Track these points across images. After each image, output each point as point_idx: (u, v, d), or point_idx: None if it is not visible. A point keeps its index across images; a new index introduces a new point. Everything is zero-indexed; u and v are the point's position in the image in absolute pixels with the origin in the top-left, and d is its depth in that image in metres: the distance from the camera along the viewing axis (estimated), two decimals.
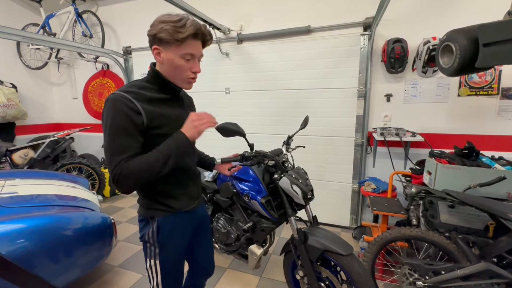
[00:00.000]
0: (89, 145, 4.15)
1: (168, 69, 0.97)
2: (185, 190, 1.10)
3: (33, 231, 1.48)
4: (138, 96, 0.92)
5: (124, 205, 3.57)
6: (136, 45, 3.53)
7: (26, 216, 1.56)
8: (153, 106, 0.95)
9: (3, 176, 2.07)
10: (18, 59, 3.81)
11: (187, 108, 1.14)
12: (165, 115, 0.98)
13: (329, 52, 2.67)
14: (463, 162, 1.80)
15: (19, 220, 1.49)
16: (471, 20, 2.26)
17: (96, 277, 2.09)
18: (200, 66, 1.03)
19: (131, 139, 0.89)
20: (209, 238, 1.35)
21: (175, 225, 1.08)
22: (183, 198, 1.09)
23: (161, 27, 0.89)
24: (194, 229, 1.20)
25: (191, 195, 1.13)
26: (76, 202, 1.97)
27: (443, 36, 1.46)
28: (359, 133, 2.69)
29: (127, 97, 0.89)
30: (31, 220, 1.52)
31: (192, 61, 0.97)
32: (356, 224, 2.82)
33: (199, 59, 1.01)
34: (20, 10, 3.77)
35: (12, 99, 3.41)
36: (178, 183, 1.08)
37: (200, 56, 1.00)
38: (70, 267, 1.65)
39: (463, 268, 1.39)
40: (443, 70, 1.50)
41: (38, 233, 1.49)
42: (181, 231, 1.11)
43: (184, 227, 1.12)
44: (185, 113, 1.04)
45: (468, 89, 2.33)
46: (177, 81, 1.01)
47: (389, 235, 1.65)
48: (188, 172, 1.12)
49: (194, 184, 1.15)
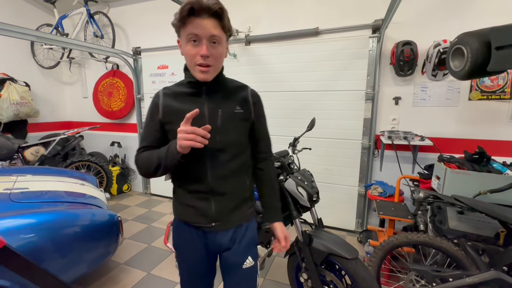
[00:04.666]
0: (98, 144, 4.22)
1: (186, 59, 0.89)
2: (194, 203, 0.96)
3: (42, 226, 1.51)
4: (169, 91, 0.96)
5: (130, 203, 3.61)
6: (145, 45, 3.59)
7: (36, 211, 1.59)
8: (174, 101, 0.93)
9: (16, 172, 2.13)
10: (32, 59, 3.91)
11: (221, 104, 0.93)
12: (180, 111, 0.86)
13: (337, 54, 2.66)
14: (473, 167, 1.76)
15: (29, 215, 1.53)
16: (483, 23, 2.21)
17: (102, 273, 2.12)
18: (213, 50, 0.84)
19: (149, 131, 0.96)
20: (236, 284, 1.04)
21: (184, 234, 1.01)
22: (191, 210, 0.97)
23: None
24: (213, 254, 1.04)
25: (202, 212, 0.96)
26: (84, 199, 2.01)
27: (454, 39, 1.43)
28: (366, 136, 2.66)
29: (159, 92, 0.97)
30: (40, 216, 1.56)
31: (199, 44, 0.83)
32: (361, 228, 2.78)
33: (212, 41, 0.83)
34: (34, 11, 3.88)
35: (25, 97, 3.50)
36: (189, 192, 0.97)
37: (210, 36, 0.82)
38: (77, 262, 1.68)
39: (472, 276, 1.36)
40: (454, 74, 1.47)
41: (47, 229, 1.52)
42: (192, 245, 1.01)
43: (196, 243, 1.00)
44: (211, 110, 0.92)
45: (480, 93, 2.28)
46: (192, 71, 0.89)
47: (396, 240, 1.63)
48: (201, 183, 0.94)
49: (205, 201, 0.95)
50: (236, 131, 0.96)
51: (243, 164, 0.99)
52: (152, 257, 2.36)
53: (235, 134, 0.95)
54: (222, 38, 0.86)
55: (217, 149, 0.92)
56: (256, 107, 1.01)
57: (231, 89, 0.98)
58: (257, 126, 1.02)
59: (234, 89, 0.99)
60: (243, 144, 0.99)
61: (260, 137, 1.05)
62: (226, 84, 0.98)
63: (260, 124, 1.03)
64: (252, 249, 1.05)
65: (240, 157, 0.97)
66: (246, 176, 1.03)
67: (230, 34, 0.92)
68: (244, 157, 1.00)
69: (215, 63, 0.87)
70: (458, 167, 1.79)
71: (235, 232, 1.00)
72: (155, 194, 3.93)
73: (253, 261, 1.03)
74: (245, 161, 1.01)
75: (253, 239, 1.05)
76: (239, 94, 0.98)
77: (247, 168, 1.04)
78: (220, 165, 0.94)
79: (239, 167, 0.98)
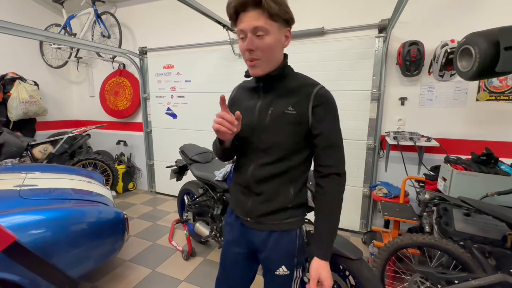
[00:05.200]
0: (104, 142, 4.28)
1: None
2: (238, 194, 1.00)
3: (51, 222, 1.54)
4: (241, 85, 1.04)
5: (136, 201, 3.66)
6: (151, 45, 3.62)
7: (45, 208, 1.62)
8: (240, 95, 1.02)
9: (25, 169, 2.17)
10: (41, 58, 3.98)
11: (274, 102, 0.89)
12: (238, 105, 0.97)
13: (342, 54, 2.65)
14: (480, 169, 1.74)
15: (38, 211, 1.56)
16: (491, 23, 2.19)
17: (108, 270, 2.15)
18: (258, 41, 0.79)
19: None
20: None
21: (231, 218, 1.07)
22: (234, 199, 1.03)
23: None
24: (250, 249, 1.03)
25: (240, 205, 0.98)
26: (91, 197, 2.04)
27: (462, 39, 1.42)
28: (371, 136, 2.65)
29: (236, 86, 1.07)
30: (49, 212, 1.58)
31: (246, 38, 0.81)
32: (366, 229, 2.77)
33: (256, 33, 0.79)
34: (43, 11, 3.94)
35: (34, 96, 3.56)
36: (235, 182, 1.02)
37: (253, 29, 0.78)
38: (84, 259, 1.70)
39: (478, 279, 1.34)
40: (461, 74, 1.46)
41: (55, 225, 1.55)
42: (232, 233, 1.05)
43: (235, 232, 1.04)
44: (262, 107, 0.90)
45: (488, 94, 2.25)
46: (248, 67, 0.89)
47: (401, 241, 1.62)
48: (243, 178, 0.96)
49: (245, 196, 0.97)
50: (284, 133, 0.87)
51: (288, 170, 0.90)
52: (157, 254, 2.39)
53: (282, 136, 0.87)
54: (270, 27, 0.79)
55: (261, 149, 0.90)
56: (318, 110, 0.85)
57: (291, 87, 0.89)
58: (317, 131, 0.86)
59: (296, 87, 0.89)
60: (291, 148, 0.89)
61: (321, 146, 0.88)
62: (287, 81, 0.90)
63: (321, 130, 0.86)
64: (288, 259, 0.96)
65: (285, 162, 0.89)
66: (290, 185, 0.92)
67: (286, 19, 0.82)
68: (290, 163, 0.90)
69: (263, 55, 0.82)
70: (465, 169, 1.77)
71: (268, 236, 0.95)
72: (160, 193, 3.97)
73: (288, 271, 0.97)
74: (291, 167, 0.90)
75: (289, 251, 0.96)
76: (298, 93, 0.88)
77: (295, 177, 0.93)
78: (261, 165, 0.91)
79: (282, 172, 0.90)
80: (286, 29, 0.85)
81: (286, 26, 0.84)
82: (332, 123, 0.88)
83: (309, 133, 0.88)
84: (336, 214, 0.90)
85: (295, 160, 0.90)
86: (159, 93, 3.70)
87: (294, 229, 0.96)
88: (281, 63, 0.89)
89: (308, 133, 0.88)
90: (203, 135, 3.42)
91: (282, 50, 0.89)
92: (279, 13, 0.78)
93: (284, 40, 0.86)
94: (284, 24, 0.83)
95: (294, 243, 0.96)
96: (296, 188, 0.93)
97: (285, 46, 0.87)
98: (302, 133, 0.87)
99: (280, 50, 0.86)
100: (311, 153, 0.93)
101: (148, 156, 3.95)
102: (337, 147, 0.89)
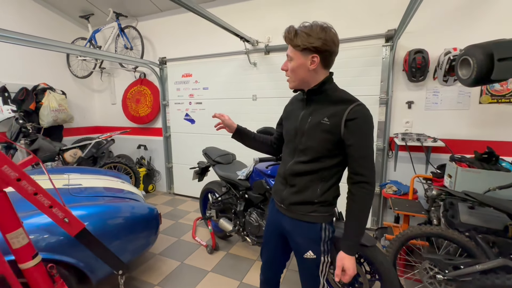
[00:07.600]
0: (124, 147, 4.53)
1: None
2: (278, 183, 1.23)
3: (96, 216, 1.74)
4: (296, 96, 1.25)
5: (156, 201, 3.88)
6: (170, 56, 3.88)
7: (92, 203, 1.84)
8: (292, 105, 1.23)
9: (66, 171, 2.41)
10: (67, 69, 4.28)
11: (314, 112, 1.07)
12: (288, 113, 1.21)
13: (351, 61, 2.84)
14: (483, 166, 1.89)
15: (86, 207, 1.77)
16: (491, 31, 2.38)
17: (141, 262, 2.36)
18: (289, 64, 1.07)
19: (277, 125, 1.35)
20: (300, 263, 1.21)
21: (271, 205, 1.32)
22: (275, 187, 1.26)
23: None
24: (279, 230, 1.24)
25: (278, 192, 1.21)
26: (124, 194, 2.24)
27: (462, 51, 1.60)
28: (380, 138, 2.82)
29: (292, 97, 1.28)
30: (95, 207, 1.80)
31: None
32: (377, 225, 2.92)
33: (288, 59, 1.07)
34: (70, 26, 4.25)
35: (62, 105, 3.84)
36: (278, 173, 1.24)
37: (287, 56, 1.07)
38: (122, 251, 1.88)
39: (481, 264, 1.49)
40: (462, 81, 1.64)
41: (99, 219, 1.75)
42: (271, 214, 1.31)
43: (273, 214, 1.28)
44: (304, 115, 1.10)
45: (490, 97, 2.41)
46: None
47: (411, 232, 1.78)
48: (283, 170, 1.17)
49: (282, 185, 1.18)
50: (317, 139, 1.04)
51: (318, 170, 1.07)
52: (183, 249, 2.59)
53: (316, 141, 1.05)
54: (294, 55, 1.03)
55: (300, 149, 1.11)
56: (351, 123, 0.98)
57: (330, 101, 1.05)
58: (348, 143, 1.00)
59: (335, 101, 1.04)
60: (323, 152, 1.05)
61: (353, 156, 1.01)
62: (328, 96, 1.07)
63: (352, 142, 0.99)
64: (314, 246, 1.13)
65: (316, 163, 1.06)
66: (320, 183, 1.08)
67: (308, 48, 0.99)
68: (321, 165, 1.06)
69: (290, 75, 1.08)
70: (468, 166, 1.93)
71: (295, 224, 1.14)
72: (178, 194, 4.18)
73: (315, 255, 1.13)
74: (322, 168, 1.07)
75: (314, 240, 1.12)
76: (335, 107, 1.02)
77: (324, 177, 1.08)
78: (297, 162, 1.11)
79: (313, 171, 1.07)
80: (311, 55, 1.00)
81: (311, 53, 0.99)
82: (364, 136, 1.00)
83: (341, 142, 1.02)
84: (362, 219, 1.04)
85: (326, 163, 1.06)
86: (178, 100, 3.95)
87: (318, 223, 1.11)
88: (322, 80, 1.06)
89: (340, 142, 1.02)
90: (220, 139, 3.61)
91: (310, 71, 1.03)
92: (301, 44, 0.99)
93: (310, 64, 1.01)
94: (309, 52, 1.00)
95: (319, 234, 1.12)
96: (324, 187, 1.08)
97: (311, 69, 1.02)
98: (333, 141, 1.02)
99: (305, 72, 1.04)
100: (344, 160, 1.06)
101: (167, 159, 4.18)
102: (367, 159, 1.01)
